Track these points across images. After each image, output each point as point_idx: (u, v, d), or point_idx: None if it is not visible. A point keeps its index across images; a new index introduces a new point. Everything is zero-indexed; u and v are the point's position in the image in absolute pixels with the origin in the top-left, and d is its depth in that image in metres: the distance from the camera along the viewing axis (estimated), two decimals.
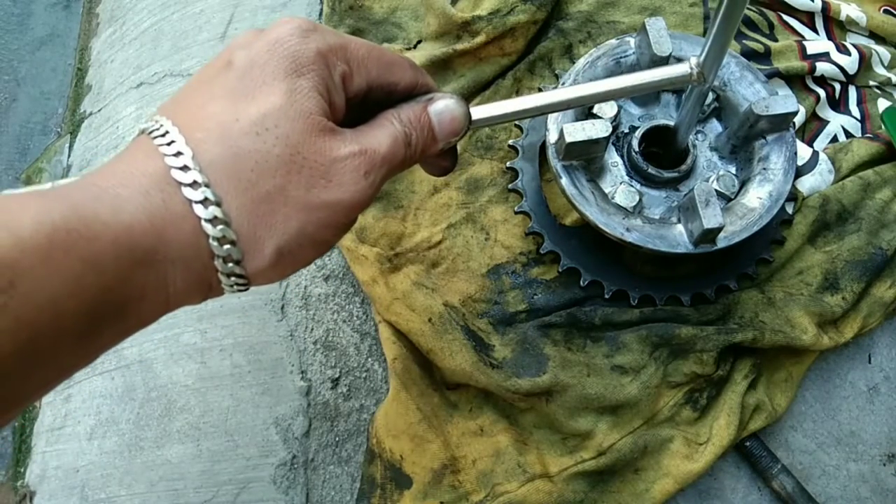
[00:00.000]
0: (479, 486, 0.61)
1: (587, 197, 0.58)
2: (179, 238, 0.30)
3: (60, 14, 0.91)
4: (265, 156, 0.30)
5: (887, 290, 0.65)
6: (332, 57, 0.34)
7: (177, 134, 0.30)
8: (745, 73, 0.62)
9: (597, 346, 0.63)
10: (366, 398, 0.67)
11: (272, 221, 0.31)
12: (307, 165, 0.31)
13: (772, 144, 0.60)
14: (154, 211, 0.29)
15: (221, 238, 0.30)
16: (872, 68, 0.75)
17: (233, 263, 0.31)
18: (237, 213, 0.30)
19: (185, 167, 0.29)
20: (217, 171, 0.30)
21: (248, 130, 0.30)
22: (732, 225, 0.57)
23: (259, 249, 0.31)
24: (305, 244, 0.33)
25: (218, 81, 0.32)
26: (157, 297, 0.30)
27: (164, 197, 0.29)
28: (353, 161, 0.33)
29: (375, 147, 0.34)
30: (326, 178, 0.32)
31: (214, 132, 0.30)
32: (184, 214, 0.30)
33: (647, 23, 0.58)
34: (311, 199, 0.32)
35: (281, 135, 0.31)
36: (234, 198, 0.30)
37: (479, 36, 0.69)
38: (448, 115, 0.38)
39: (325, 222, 0.33)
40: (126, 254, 0.28)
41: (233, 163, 0.30)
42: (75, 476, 0.68)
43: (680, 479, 0.60)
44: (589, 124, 0.56)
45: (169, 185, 0.29)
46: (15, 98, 0.87)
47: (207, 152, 0.30)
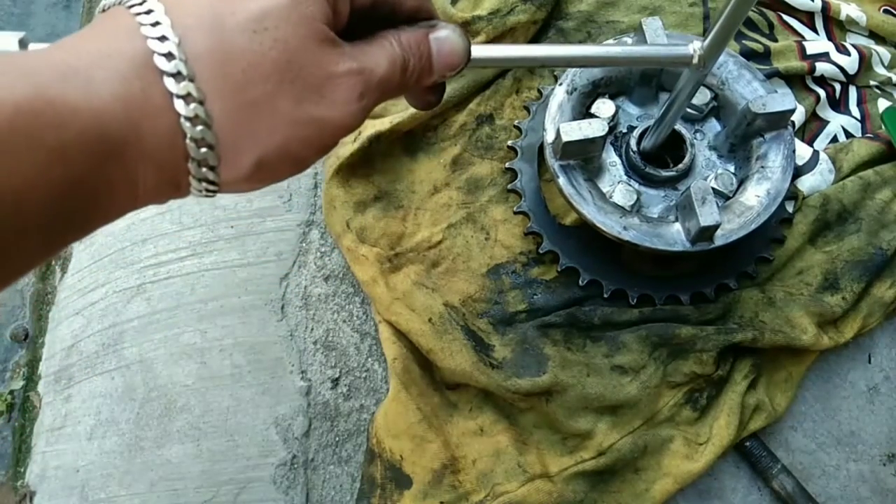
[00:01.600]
0: (479, 486, 0.61)
1: (584, 196, 0.58)
2: (155, 133, 0.27)
3: (60, 14, 0.91)
4: (259, 58, 0.28)
5: (887, 290, 0.65)
6: None
7: (162, 14, 0.27)
8: (743, 71, 0.62)
9: (597, 346, 0.63)
10: (366, 398, 0.67)
11: (256, 131, 0.29)
12: (302, 76, 0.29)
13: (770, 143, 0.60)
14: (130, 100, 0.26)
15: (200, 140, 0.28)
16: (872, 68, 0.75)
17: (207, 168, 0.29)
18: (220, 115, 0.28)
19: (170, 54, 0.26)
20: (204, 65, 0.27)
21: (245, 27, 0.28)
22: (730, 223, 0.57)
23: (237, 158, 0.29)
24: (286, 159, 0.31)
25: None
26: (125, 193, 0.28)
27: (143, 85, 0.26)
28: (350, 79, 0.31)
29: (373, 67, 0.32)
30: (319, 94, 0.30)
31: (206, 21, 0.27)
32: (162, 107, 0.27)
33: (644, 22, 0.58)
34: (300, 113, 0.30)
35: (279, 38, 0.28)
36: (219, 98, 0.28)
37: (479, 36, 0.70)
38: (448, 46, 0.36)
39: (309, 140, 0.31)
40: (96, 145, 0.25)
41: (223, 59, 0.27)
42: (75, 476, 0.68)
43: (680, 479, 0.60)
44: (585, 123, 0.56)
45: (149, 71, 0.26)
46: None
47: (196, 43, 0.27)
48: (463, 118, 0.71)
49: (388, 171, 0.70)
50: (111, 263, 0.75)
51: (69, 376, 0.74)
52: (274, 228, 0.73)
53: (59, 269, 0.81)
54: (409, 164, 0.70)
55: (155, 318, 0.71)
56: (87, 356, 0.73)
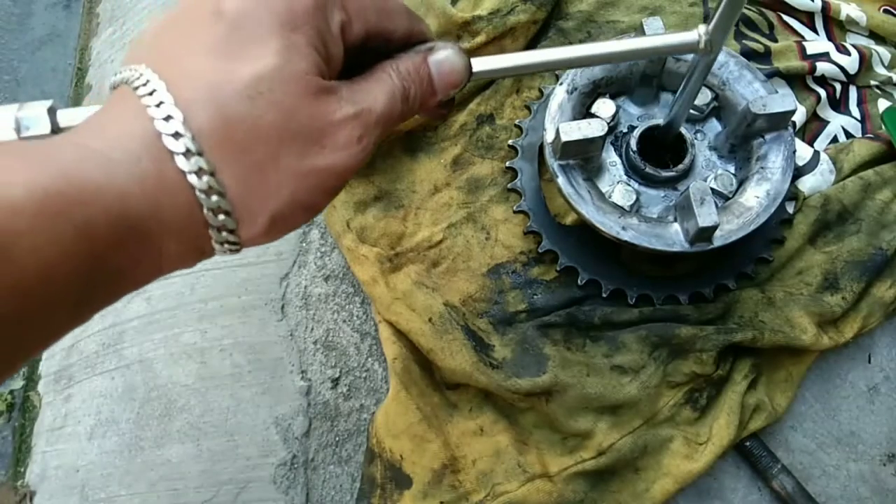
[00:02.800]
0: (479, 485, 0.61)
1: (583, 196, 0.58)
2: (174, 208, 0.29)
3: (60, 14, 0.91)
4: (258, 122, 0.29)
5: (887, 290, 0.65)
6: (330, 5, 0.32)
7: (164, 93, 0.29)
8: (743, 72, 0.62)
9: (596, 346, 0.63)
10: (366, 398, 0.67)
11: (265, 190, 0.30)
12: (301, 132, 0.30)
13: (770, 143, 0.60)
14: (147, 180, 0.28)
15: (216, 208, 0.29)
16: (873, 68, 0.75)
17: (227, 232, 0.30)
18: (230, 181, 0.29)
19: (177, 133, 0.28)
20: (209, 138, 0.28)
21: (241, 94, 0.29)
22: (729, 224, 0.57)
23: (252, 218, 0.31)
24: (297, 210, 0.32)
25: (205, 31, 0.30)
26: (150, 264, 0.30)
27: (157, 166, 0.28)
28: (348, 125, 0.32)
29: (371, 106, 0.33)
30: (320, 145, 0.31)
31: (204, 93, 0.29)
32: (177, 184, 0.28)
33: (645, 22, 0.58)
34: (303, 166, 0.31)
35: (275, 100, 0.29)
36: (227, 166, 0.29)
37: (479, 36, 0.69)
38: (448, 66, 0.37)
39: (317, 188, 0.32)
40: (119, 222, 0.27)
41: (224, 129, 0.29)
42: (75, 476, 0.68)
43: (680, 479, 0.60)
44: (585, 123, 0.56)
45: (161, 151, 0.28)
46: (15, 98, 0.87)
47: (198, 117, 0.28)
48: (463, 118, 0.71)
49: (389, 170, 0.70)
50: None
51: (69, 376, 0.74)
52: None
53: None
54: (409, 163, 0.70)
55: (155, 318, 0.71)
56: (87, 356, 0.73)
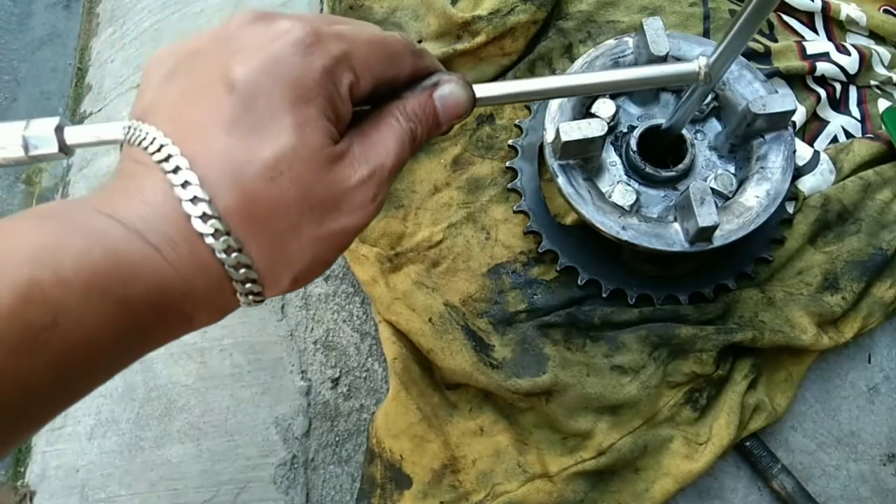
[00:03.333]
0: (479, 485, 0.61)
1: (583, 196, 0.58)
2: (206, 284, 0.31)
3: (60, 14, 0.91)
4: (279, 199, 0.31)
5: (887, 290, 0.65)
6: (338, 70, 0.33)
7: (189, 172, 0.30)
8: (743, 72, 0.62)
9: (596, 346, 0.63)
10: (366, 398, 0.67)
11: (288, 256, 0.32)
12: (319, 202, 0.32)
13: (770, 143, 0.60)
14: (181, 263, 0.30)
15: (244, 279, 0.32)
16: (873, 68, 0.75)
17: (253, 296, 0.33)
18: (256, 254, 0.31)
19: (205, 215, 0.30)
20: (234, 217, 0.30)
21: (262, 175, 0.30)
22: (729, 224, 0.57)
23: (277, 281, 0.33)
24: (316, 267, 0.34)
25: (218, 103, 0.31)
26: (181, 329, 0.32)
27: (189, 248, 0.30)
28: (363, 187, 0.33)
29: (384, 161, 0.34)
30: (338, 210, 0.33)
31: (227, 175, 0.30)
32: (208, 262, 0.31)
33: (645, 22, 0.58)
34: (323, 231, 0.33)
35: (294, 178, 0.31)
36: (253, 240, 0.31)
37: (479, 36, 0.70)
38: (452, 101, 0.38)
39: (334, 247, 0.34)
40: (157, 299, 0.29)
41: (249, 208, 0.30)
42: (75, 476, 0.68)
43: (680, 479, 0.60)
44: (585, 123, 0.56)
45: (191, 234, 0.30)
46: (15, 98, 0.87)
47: (223, 198, 0.30)
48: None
49: None
50: None
51: None
52: None
53: None
54: (409, 163, 0.70)
55: None
56: None
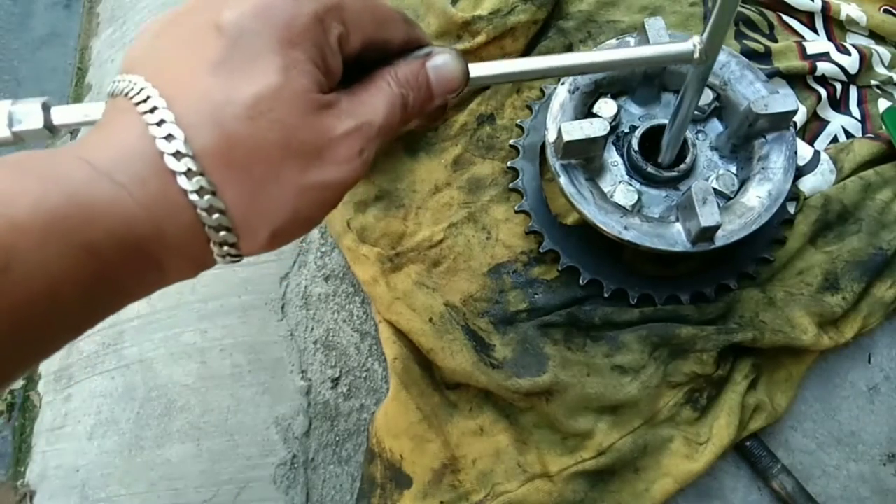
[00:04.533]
0: (479, 485, 0.61)
1: (585, 196, 0.58)
2: (176, 227, 0.29)
3: (61, 14, 0.91)
4: (259, 141, 0.29)
5: (887, 290, 0.65)
6: (328, 19, 0.32)
7: (165, 111, 0.29)
8: (745, 72, 0.62)
9: (597, 346, 0.63)
10: (366, 398, 0.67)
11: (266, 206, 0.31)
12: (302, 149, 0.31)
13: (772, 143, 0.60)
14: (150, 202, 0.28)
15: (217, 226, 0.30)
16: (873, 68, 0.75)
17: (228, 246, 0.31)
18: (232, 199, 0.30)
19: (178, 153, 0.28)
20: (210, 157, 0.29)
21: (242, 114, 0.29)
22: (731, 224, 0.57)
23: (253, 233, 0.31)
24: (297, 224, 0.33)
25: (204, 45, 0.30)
26: (152, 279, 0.31)
27: (160, 186, 0.29)
28: (349, 138, 0.32)
29: (371, 118, 0.33)
30: (321, 159, 0.31)
31: (205, 113, 0.29)
32: (180, 203, 0.29)
33: (647, 23, 0.58)
34: (304, 182, 0.31)
35: (275, 119, 0.30)
36: (229, 184, 0.29)
37: (479, 36, 0.69)
38: (446, 71, 0.37)
39: (317, 202, 0.32)
40: (123, 242, 0.28)
41: (226, 149, 0.29)
42: (75, 475, 0.68)
43: (680, 479, 0.60)
44: (587, 123, 0.56)
45: (164, 172, 0.29)
46: (15, 98, 0.87)
47: (199, 137, 0.29)
48: (464, 118, 0.71)
49: (389, 170, 0.70)
50: None
51: (69, 376, 0.74)
52: None
53: None
54: (409, 163, 0.70)
55: (155, 318, 0.71)
56: (87, 355, 0.73)
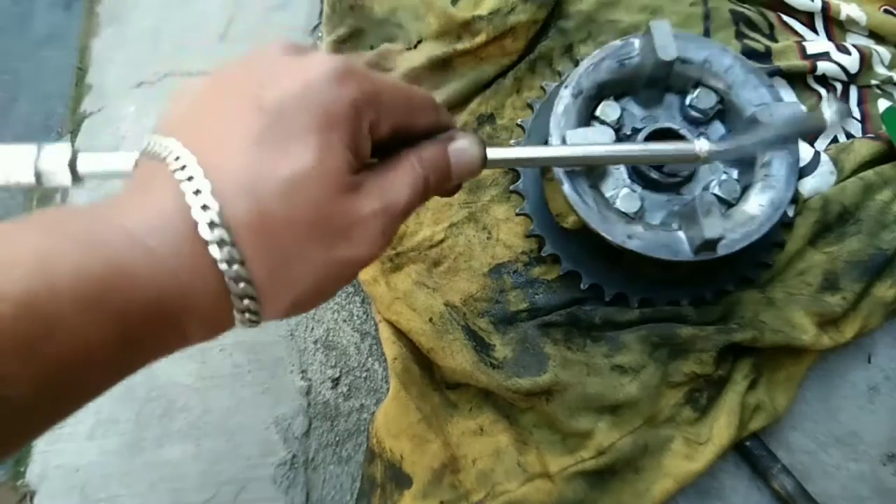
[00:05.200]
0: (479, 485, 0.61)
1: (588, 203, 0.58)
2: (203, 296, 0.30)
3: (61, 14, 0.91)
4: (291, 218, 0.30)
5: (887, 290, 0.65)
6: (366, 107, 0.33)
7: (202, 179, 0.29)
8: (749, 76, 0.61)
9: (597, 346, 0.63)
10: (366, 398, 0.67)
11: (290, 279, 0.32)
12: (329, 228, 0.31)
13: (775, 151, 0.59)
14: (181, 270, 0.29)
15: (242, 294, 0.31)
16: (873, 68, 0.75)
17: (250, 313, 0.32)
18: (259, 271, 0.30)
19: (213, 223, 0.29)
20: (242, 228, 0.29)
21: (277, 190, 0.30)
22: (733, 232, 0.56)
23: (276, 302, 0.32)
24: (317, 294, 0.34)
25: (244, 120, 0.31)
26: (176, 343, 0.31)
27: (192, 255, 0.29)
28: (375, 220, 0.33)
29: (396, 200, 0.34)
30: (347, 238, 0.32)
31: (241, 186, 0.30)
32: (209, 272, 0.30)
33: (652, 25, 0.57)
34: (329, 258, 0.32)
35: (309, 198, 0.30)
36: (258, 256, 0.30)
37: (479, 35, 0.69)
38: (466, 157, 0.38)
39: (338, 277, 0.34)
40: (154, 312, 0.29)
41: (258, 223, 0.30)
42: (75, 475, 0.68)
43: (680, 479, 0.60)
44: (591, 131, 0.56)
45: (196, 241, 0.29)
46: (15, 98, 0.87)
47: (234, 208, 0.29)
48: (464, 118, 0.71)
49: None
50: None
51: None
52: None
53: None
54: None
55: None
56: None
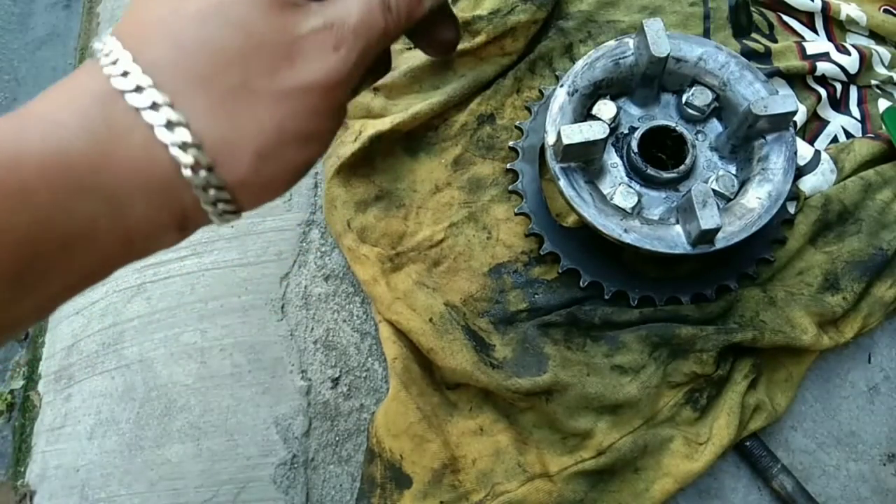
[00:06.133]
0: (479, 485, 0.61)
1: (585, 198, 0.58)
2: (130, 152, 0.25)
3: (61, 14, 0.91)
4: (215, 44, 0.26)
5: (887, 290, 0.65)
6: None
7: (114, 42, 0.26)
8: (744, 72, 0.61)
9: (597, 346, 0.63)
10: (366, 398, 0.67)
11: (241, 121, 0.27)
12: (265, 49, 0.27)
13: (771, 144, 0.60)
14: (95, 128, 0.25)
15: (182, 144, 0.26)
16: (873, 68, 0.75)
17: (205, 171, 0.27)
18: (196, 114, 0.26)
19: (125, 72, 0.25)
20: (163, 70, 0.26)
21: (192, 18, 0.26)
22: (731, 225, 0.57)
23: (233, 154, 0.27)
24: (288, 140, 0.28)
25: None
26: (112, 232, 0.26)
27: (107, 111, 0.25)
28: (317, 36, 0.28)
29: (343, 18, 0.29)
30: (289, 60, 0.27)
31: (155, 29, 0.26)
32: (132, 125, 0.25)
33: (646, 24, 0.58)
34: (277, 86, 0.27)
35: (230, 17, 0.26)
36: (190, 98, 0.26)
37: (479, 35, 0.69)
38: None
39: (302, 110, 0.28)
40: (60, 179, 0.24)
41: (180, 58, 0.26)
42: (75, 475, 0.68)
43: (680, 479, 0.60)
44: (587, 126, 0.56)
45: (112, 97, 0.25)
46: (15, 98, 0.87)
47: (148, 52, 0.26)
48: (464, 118, 0.71)
49: (389, 170, 0.70)
50: None
51: (69, 376, 0.74)
52: (274, 228, 0.73)
53: None
54: (410, 163, 0.70)
55: (155, 318, 0.71)
56: (87, 355, 0.73)
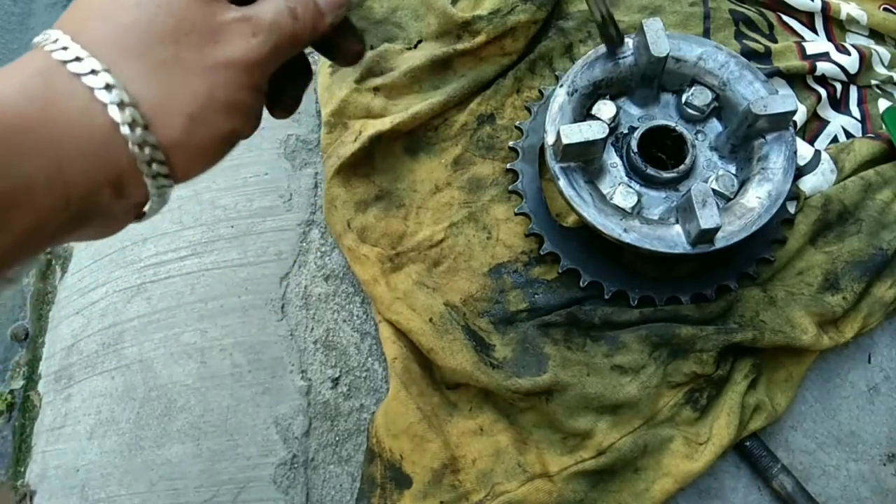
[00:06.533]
0: (479, 485, 0.61)
1: (585, 198, 0.58)
2: (69, 115, 0.28)
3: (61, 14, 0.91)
4: (150, 25, 0.31)
5: (887, 290, 0.65)
6: None
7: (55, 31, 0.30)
8: (744, 72, 0.61)
9: (597, 346, 0.63)
10: (366, 398, 0.67)
11: (174, 88, 0.31)
12: (194, 30, 0.31)
13: (771, 144, 0.60)
14: (35, 94, 0.28)
15: (120, 102, 0.29)
16: (873, 68, 0.75)
17: (141, 129, 0.30)
18: (132, 79, 0.30)
19: (66, 48, 0.29)
20: (101, 44, 0.30)
21: (128, 4, 0.31)
22: (731, 225, 0.57)
23: (168, 115, 0.31)
24: (218, 108, 0.32)
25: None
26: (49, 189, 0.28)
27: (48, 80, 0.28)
28: (239, 24, 0.33)
29: (259, 14, 0.34)
30: (215, 40, 0.32)
31: (94, 13, 0.31)
32: (72, 90, 0.28)
33: (645, 24, 0.58)
34: (205, 60, 0.32)
35: (162, 4, 0.31)
36: (126, 66, 0.30)
37: (479, 35, 0.69)
38: None
39: (228, 82, 0.32)
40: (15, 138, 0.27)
41: (118, 35, 0.30)
42: (75, 475, 0.68)
43: (680, 479, 0.60)
44: (586, 126, 0.56)
45: (52, 67, 0.29)
46: None
47: (88, 33, 0.30)
48: (464, 118, 0.71)
49: (389, 170, 0.70)
50: (111, 263, 0.75)
51: (69, 376, 0.74)
52: (274, 228, 0.73)
53: (59, 268, 0.81)
54: (410, 163, 0.70)
55: (155, 318, 0.71)
56: (87, 356, 0.73)
